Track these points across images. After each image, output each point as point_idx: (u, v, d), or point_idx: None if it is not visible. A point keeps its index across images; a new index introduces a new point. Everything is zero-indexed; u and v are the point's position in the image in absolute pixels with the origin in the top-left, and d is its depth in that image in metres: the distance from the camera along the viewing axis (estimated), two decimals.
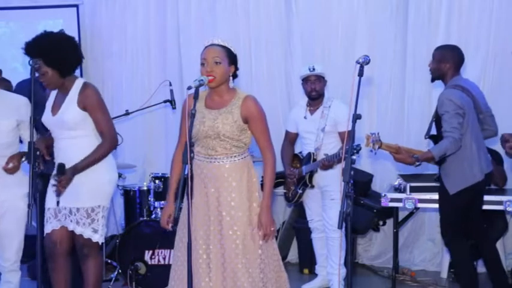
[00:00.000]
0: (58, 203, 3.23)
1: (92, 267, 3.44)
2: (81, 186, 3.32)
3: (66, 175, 3.22)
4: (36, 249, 3.03)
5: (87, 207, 3.38)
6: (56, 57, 3.31)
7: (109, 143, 3.42)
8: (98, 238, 3.43)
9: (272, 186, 3.21)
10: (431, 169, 5.05)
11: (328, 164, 4.31)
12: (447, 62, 3.98)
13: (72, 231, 3.38)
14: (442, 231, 4.10)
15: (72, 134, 3.35)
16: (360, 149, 4.09)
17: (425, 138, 4.18)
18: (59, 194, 3.24)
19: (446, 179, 3.94)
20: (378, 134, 3.79)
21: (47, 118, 3.48)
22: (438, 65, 4.01)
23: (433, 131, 4.14)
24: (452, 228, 4.00)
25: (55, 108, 3.42)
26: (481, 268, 4.58)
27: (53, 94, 3.53)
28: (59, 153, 3.39)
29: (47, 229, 3.42)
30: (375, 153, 3.85)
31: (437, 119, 3.97)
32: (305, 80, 4.56)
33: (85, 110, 3.39)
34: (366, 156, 5.38)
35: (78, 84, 3.44)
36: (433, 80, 4.16)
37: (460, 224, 4.00)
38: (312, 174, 4.52)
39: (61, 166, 3.22)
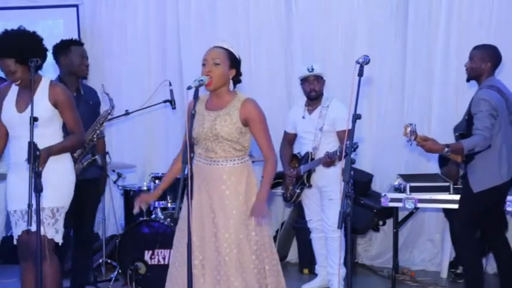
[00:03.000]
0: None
1: (49, 270, 3.33)
2: (47, 184, 3.17)
3: (41, 154, 3.07)
4: (36, 250, 3.03)
5: (53, 206, 3.33)
6: (26, 54, 3.21)
7: (79, 137, 3.46)
8: (59, 239, 3.39)
9: (271, 182, 3.19)
10: (432, 169, 5.06)
11: (330, 160, 4.31)
12: (488, 61, 3.98)
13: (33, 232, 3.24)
14: (456, 227, 4.11)
15: (39, 132, 3.22)
16: (357, 147, 4.10)
17: (454, 133, 4.17)
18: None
19: (472, 176, 3.93)
20: (415, 125, 3.75)
21: (10, 116, 3.40)
22: (479, 64, 3.98)
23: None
24: (468, 225, 4.00)
25: (20, 105, 3.35)
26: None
27: (13, 91, 3.44)
28: (22, 152, 3.17)
29: (18, 232, 3.38)
30: (410, 144, 3.81)
31: (469, 117, 3.97)
32: (304, 81, 4.57)
33: (55, 107, 3.38)
34: (366, 156, 5.39)
35: (45, 81, 3.43)
36: (468, 80, 4.14)
37: (478, 223, 4.01)
38: (310, 173, 4.53)
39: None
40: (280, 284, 3.26)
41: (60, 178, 3.36)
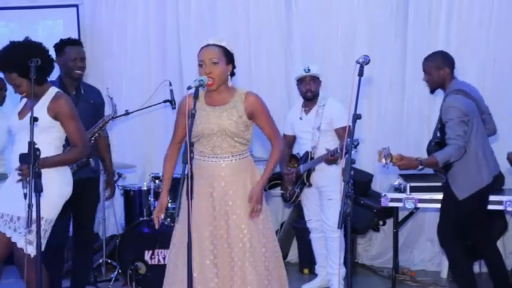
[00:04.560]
0: (25, 195, 2.94)
1: (31, 278, 3.26)
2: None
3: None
4: (36, 250, 3.03)
5: (26, 217, 3.12)
6: (29, 67, 3.08)
7: (81, 150, 3.37)
8: (32, 250, 3.25)
9: (274, 166, 3.30)
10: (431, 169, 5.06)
11: (332, 158, 4.30)
12: (444, 66, 3.97)
13: (11, 240, 3.27)
14: (439, 232, 4.08)
15: (35, 138, 3.07)
16: (358, 143, 4.10)
17: (431, 145, 4.14)
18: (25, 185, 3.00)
19: (455, 185, 3.91)
20: (389, 148, 3.74)
21: (13, 122, 3.45)
22: (437, 73, 3.98)
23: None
24: (452, 231, 3.99)
25: (23, 113, 3.38)
26: (477, 267, 4.58)
27: (22, 102, 3.49)
28: (17, 156, 3.14)
29: None
30: (387, 167, 3.81)
31: (441, 126, 3.94)
32: (300, 81, 4.57)
33: (56, 119, 3.34)
34: (366, 156, 5.38)
35: (51, 92, 3.41)
36: (432, 92, 4.15)
37: (463, 227, 3.98)
38: (309, 172, 4.53)
39: (24, 155, 3.00)
40: (282, 276, 3.32)
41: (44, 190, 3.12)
